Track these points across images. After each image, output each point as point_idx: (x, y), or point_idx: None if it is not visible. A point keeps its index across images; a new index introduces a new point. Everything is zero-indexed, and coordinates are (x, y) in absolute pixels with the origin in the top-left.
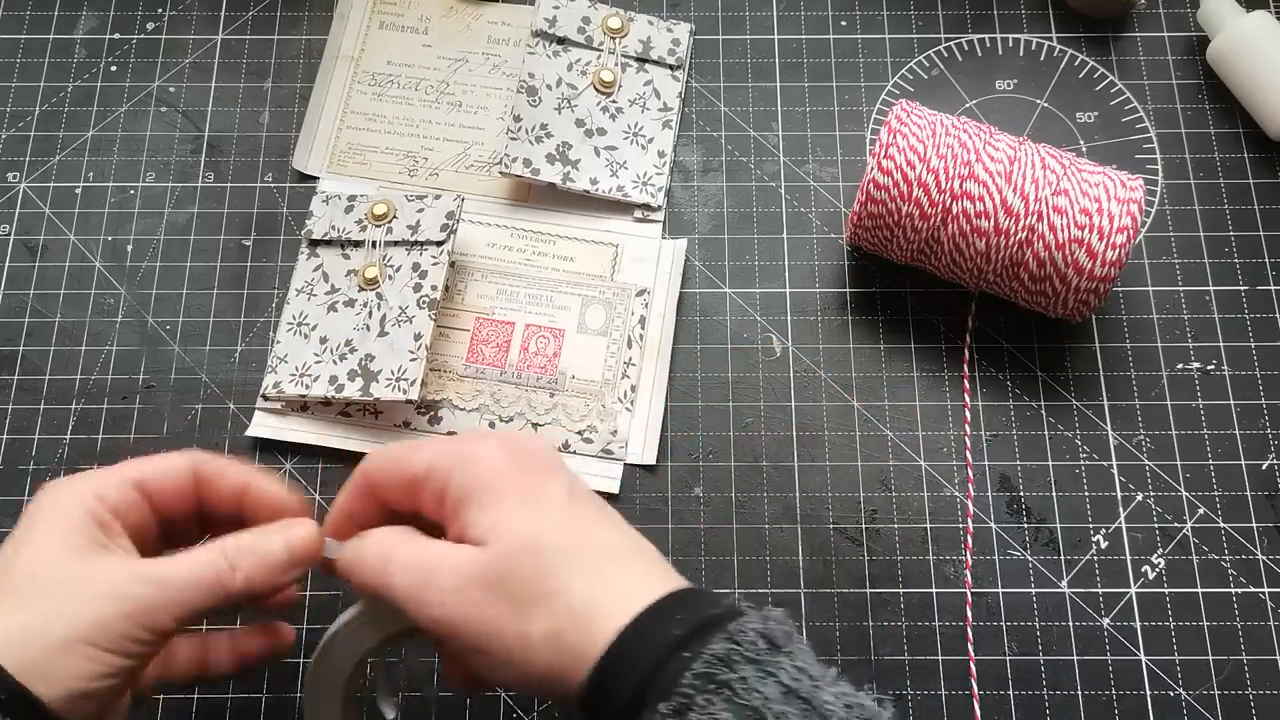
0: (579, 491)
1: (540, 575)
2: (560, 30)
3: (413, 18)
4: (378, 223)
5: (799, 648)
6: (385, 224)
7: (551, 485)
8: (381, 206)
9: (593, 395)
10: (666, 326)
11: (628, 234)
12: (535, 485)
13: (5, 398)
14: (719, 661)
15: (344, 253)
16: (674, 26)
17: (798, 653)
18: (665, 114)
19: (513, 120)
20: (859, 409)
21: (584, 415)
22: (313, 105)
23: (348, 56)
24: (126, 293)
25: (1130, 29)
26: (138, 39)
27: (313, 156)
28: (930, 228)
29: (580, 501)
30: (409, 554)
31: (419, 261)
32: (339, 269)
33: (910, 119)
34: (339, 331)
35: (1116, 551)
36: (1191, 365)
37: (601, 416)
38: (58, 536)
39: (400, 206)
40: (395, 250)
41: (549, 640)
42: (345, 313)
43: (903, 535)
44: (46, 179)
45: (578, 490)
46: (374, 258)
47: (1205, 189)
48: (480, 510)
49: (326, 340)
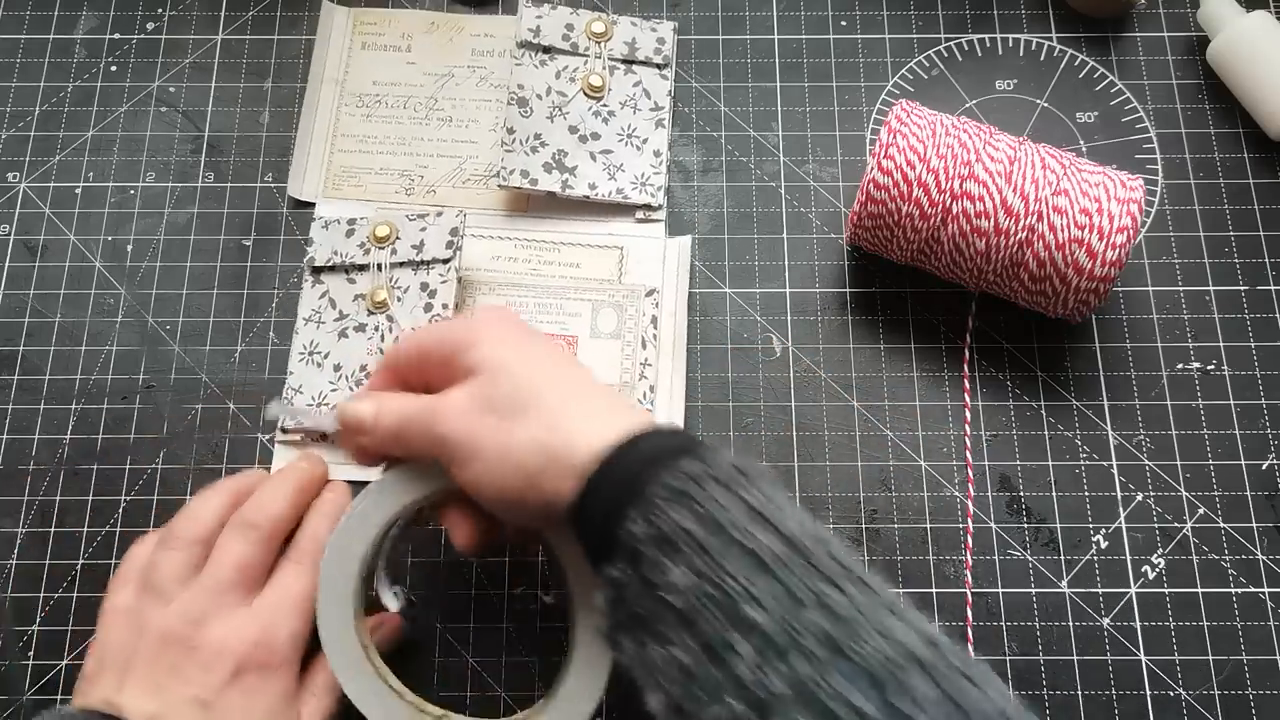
0: (559, 348)
1: (520, 393)
2: (545, 39)
3: (394, 36)
4: (381, 245)
5: (770, 483)
6: (389, 245)
7: (535, 338)
8: (383, 228)
9: None
10: (679, 324)
11: (631, 235)
12: (521, 336)
13: (5, 398)
14: (689, 478)
15: (349, 277)
16: (658, 26)
17: (769, 484)
18: (657, 113)
19: (506, 132)
20: (859, 409)
21: None
22: (301, 131)
23: (332, 79)
24: (126, 293)
25: (1130, 29)
26: (138, 39)
27: (307, 182)
28: (930, 228)
29: (560, 351)
30: (419, 401)
31: (427, 280)
32: (345, 294)
33: (910, 119)
34: (352, 358)
35: (1116, 551)
36: (1191, 365)
37: None
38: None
39: (402, 227)
40: (401, 271)
41: (531, 444)
42: (356, 338)
43: (903, 535)
44: (46, 179)
45: (558, 347)
46: (380, 280)
47: (1205, 189)
48: (473, 349)
49: (341, 368)
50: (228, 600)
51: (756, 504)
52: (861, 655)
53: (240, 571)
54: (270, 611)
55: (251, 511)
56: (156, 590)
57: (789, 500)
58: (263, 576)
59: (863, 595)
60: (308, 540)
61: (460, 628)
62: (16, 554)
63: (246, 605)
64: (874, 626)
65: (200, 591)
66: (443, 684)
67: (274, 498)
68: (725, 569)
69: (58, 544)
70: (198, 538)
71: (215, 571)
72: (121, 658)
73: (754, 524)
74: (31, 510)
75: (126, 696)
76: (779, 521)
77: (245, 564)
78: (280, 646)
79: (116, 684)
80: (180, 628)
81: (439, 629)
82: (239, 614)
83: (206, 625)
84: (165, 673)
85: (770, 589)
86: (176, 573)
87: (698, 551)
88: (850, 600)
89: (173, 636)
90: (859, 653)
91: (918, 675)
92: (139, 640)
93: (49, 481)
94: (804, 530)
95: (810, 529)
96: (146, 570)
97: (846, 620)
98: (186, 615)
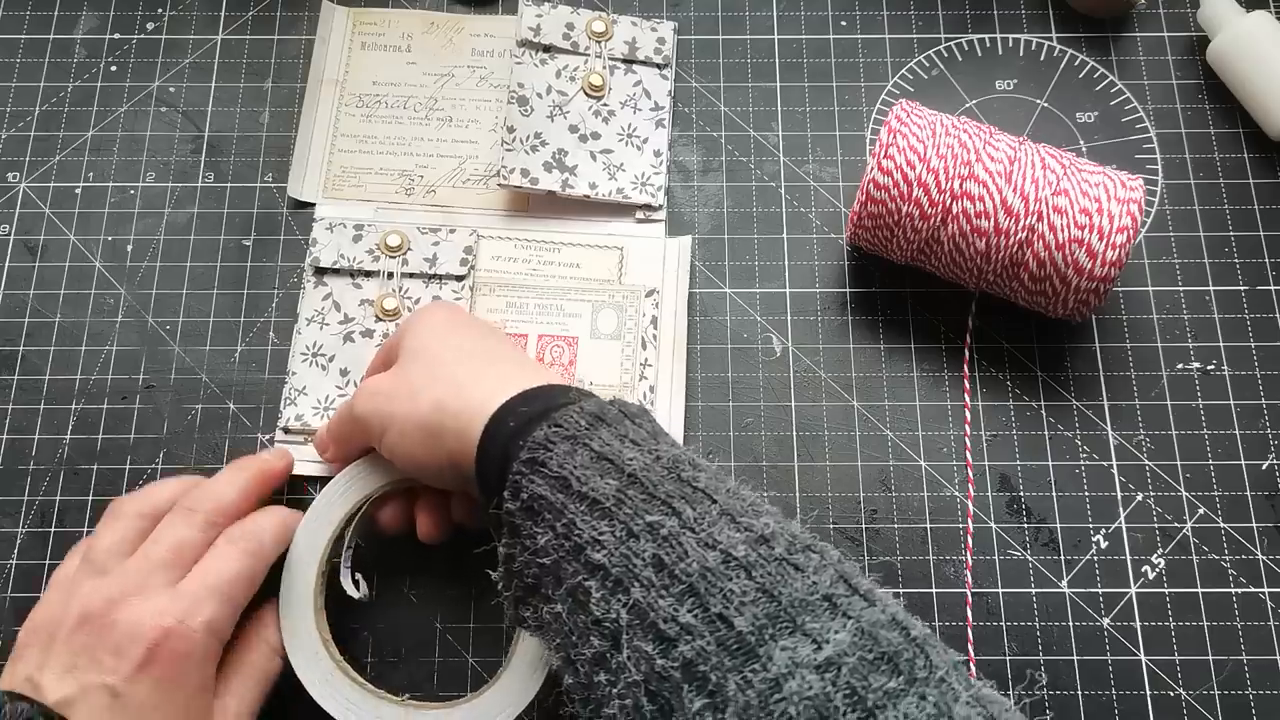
0: (489, 331)
1: (430, 369)
2: (545, 38)
3: (394, 36)
4: (392, 254)
5: (630, 423)
6: (400, 255)
7: (461, 324)
8: (395, 238)
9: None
10: (679, 324)
11: (631, 235)
12: (446, 323)
13: (5, 398)
14: (539, 445)
15: (355, 282)
16: (658, 25)
17: (623, 425)
18: (657, 113)
19: (506, 131)
20: (859, 409)
21: None
22: (301, 132)
23: (332, 80)
24: (126, 293)
25: (1130, 29)
26: (138, 39)
27: (306, 183)
28: (930, 228)
29: (487, 334)
30: (361, 386)
31: (440, 295)
32: (351, 298)
33: (910, 119)
34: (359, 362)
35: (1116, 551)
36: (1191, 365)
37: None
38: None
39: (415, 239)
40: (412, 282)
41: (433, 407)
42: (363, 343)
43: (903, 535)
44: (46, 179)
45: (487, 331)
46: (389, 288)
47: (1205, 189)
48: (401, 341)
49: (348, 372)
50: (155, 580)
51: (600, 448)
52: (686, 571)
53: (175, 552)
54: (191, 597)
55: (198, 496)
56: (93, 562)
57: (650, 432)
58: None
59: (697, 510)
60: (249, 524)
61: (460, 628)
62: (16, 554)
63: (173, 588)
64: (701, 540)
65: (130, 569)
66: (443, 684)
67: (225, 487)
68: (573, 522)
69: (58, 544)
70: (144, 513)
71: (149, 549)
72: (46, 632)
73: (596, 470)
74: (31, 510)
75: (46, 676)
76: (621, 460)
77: (181, 545)
78: (196, 634)
79: (39, 659)
80: (99, 605)
81: (439, 629)
82: (160, 595)
83: (125, 604)
84: (80, 652)
85: (610, 529)
86: (116, 546)
87: (552, 513)
88: (681, 520)
89: (91, 613)
90: (684, 570)
91: (737, 578)
92: (64, 612)
93: (49, 481)
94: (651, 459)
95: (666, 454)
96: (89, 540)
97: (674, 542)
98: (108, 592)
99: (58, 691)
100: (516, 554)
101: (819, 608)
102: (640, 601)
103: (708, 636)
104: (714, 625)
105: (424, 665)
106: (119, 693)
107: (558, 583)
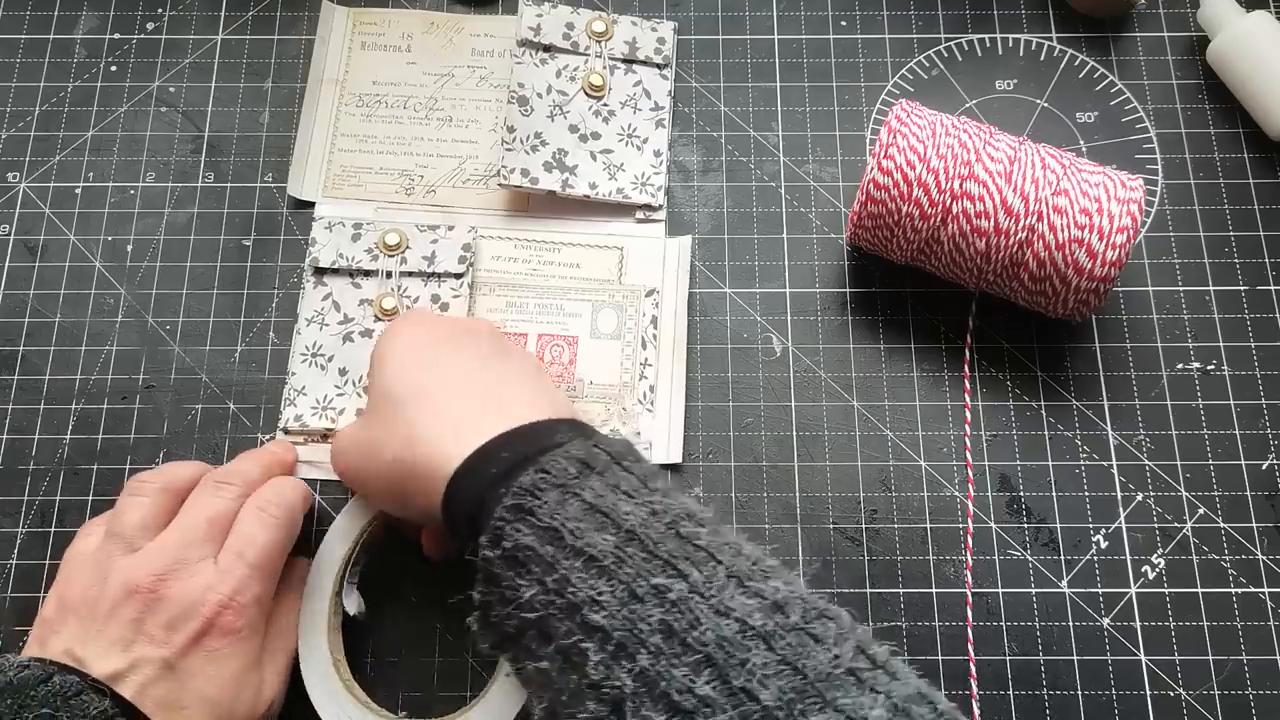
0: (466, 342)
1: (391, 413)
2: (545, 38)
3: (394, 36)
4: (391, 253)
5: (620, 469)
6: (399, 254)
7: (435, 342)
8: (394, 236)
9: (612, 399)
10: (679, 324)
11: (631, 235)
12: (417, 345)
13: (5, 398)
14: (525, 492)
15: (354, 281)
16: (658, 25)
17: (613, 473)
18: (657, 113)
19: (506, 131)
20: (859, 409)
21: (605, 419)
22: (301, 131)
23: (332, 80)
24: (126, 293)
25: (1130, 29)
26: (138, 39)
27: (306, 182)
28: (930, 228)
29: (462, 346)
30: (333, 442)
31: (438, 293)
32: (350, 298)
33: (910, 119)
34: (358, 362)
35: (1116, 551)
36: (1191, 365)
37: (623, 419)
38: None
39: (413, 237)
40: (411, 281)
41: (394, 464)
42: (362, 343)
43: (903, 535)
44: (46, 179)
45: (465, 342)
46: (388, 288)
47: (1205, 189)
48: (371, 375)
49: (347, 372)
50: (195, 554)
51: (593, 499)
52: (700, 640)
53: (211, 524)
54: (237, 572)
55: (228, 471)
56: (122, 537)
57: (643, 477)
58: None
59: (704, 573)
60: (273, 493)
61: (461, 628)
62: (16, 554)
63: (213, 560)
64: (713, 607)
65: (169, 543)
66: (443, 684)
67: (251, 465)
68: (567, 578)
69: (58, 544)
70: (168, 488)
71: (185, 522)
72: (84, 605)
73: (591, 523)
74: (31, 510)
75: (90, 650)
76: (617, 515)
77: (216, 516)
78: (248, 610)
79: (79, 634)
80: (145, 580)
81: (439, 629)
82: (206, 570)
83: (174, 578)
84: (129, 627)
85: (610, 589)
86: (144, 520)
87: (541, 566)
88: (689, 584)
89: (137, 588)
90: (697, 638)
91: (757, 649)
92: (102, 588)
93: (49, 481)
94: (648, 513)
95: (661, 506)
96: (113, 516)
97: (684, 607)
98: (152, 567)
99: (106, 665)
100: (494, 602)
101: (845, 683)
102: (648, 669)
103: (730, 711)
104: (737, 699)
105: (424, 665)
106: (173, 665)
107: (545, 639)
